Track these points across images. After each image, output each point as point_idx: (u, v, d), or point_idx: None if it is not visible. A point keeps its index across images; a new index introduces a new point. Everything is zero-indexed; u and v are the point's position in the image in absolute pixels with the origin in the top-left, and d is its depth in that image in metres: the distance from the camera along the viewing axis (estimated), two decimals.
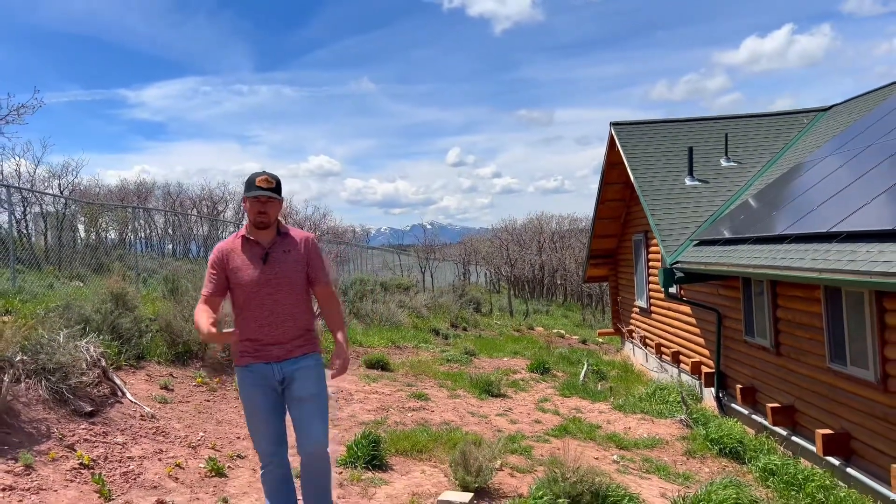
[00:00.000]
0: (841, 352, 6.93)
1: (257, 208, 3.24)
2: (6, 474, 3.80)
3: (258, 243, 3.30)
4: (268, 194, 3.22)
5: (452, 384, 8.50)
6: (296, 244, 3.35)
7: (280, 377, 3.27)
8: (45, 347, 5.01)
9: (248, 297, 3.24)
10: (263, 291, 3.23)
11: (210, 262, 3.32)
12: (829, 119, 12.97)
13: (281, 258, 3.29)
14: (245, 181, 3.30)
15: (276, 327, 3.25)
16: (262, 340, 3.25)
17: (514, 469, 5.28)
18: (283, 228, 3.38)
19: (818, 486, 5.87)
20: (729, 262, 8.45)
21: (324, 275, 3.41)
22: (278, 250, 3.30)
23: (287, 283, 3.27)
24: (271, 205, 3.26)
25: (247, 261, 3.26)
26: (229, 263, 3.28)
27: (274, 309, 3.24)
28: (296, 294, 3.30)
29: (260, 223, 3.26)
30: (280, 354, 3.27)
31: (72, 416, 4.81)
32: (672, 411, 8.32)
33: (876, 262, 5.54)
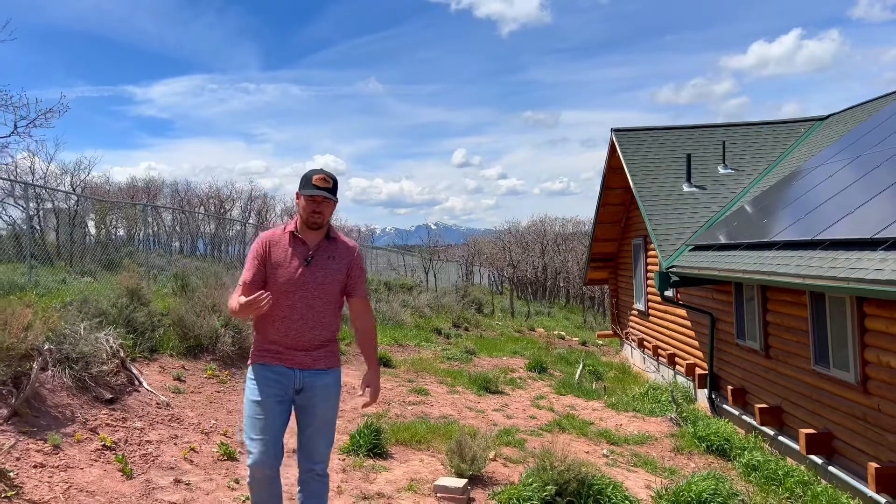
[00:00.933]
0: (824, 354, 7.23)
1: (312, 207, 3.11)
2: (37, 453, 4.14)
3: (305, 243, 3.17)
4: (324, 194, 3.09)
5: (452, 381, 8.83)
6: (341, 252, 3.22)
7: (300, 385, 3.12)
8: (69, 338, 5.36)
9: (282, 296, 3.08)
10: (299, 293, 3.09)
11: (252, 250, 3.19)
12: (826, 128, 13.24)
13: (324, 263, 3.16)
14: (301, 177, 3.17)
15: (305, 332, 3.10)
16: (285, 343, 3.11)
17: (508, 459, 5.60)
18: (333, 233, 3.25)
19: (797, 482, 6.17)
20: (721, 268, 8.75)
21: (362, 288, 3.28)
22: (323, 255, 3.17)
23: (325, 290, 3.13)
24: (326, 205, 3.14)
25: (290, 258, 3.12)
26: (272, 255, 3.13)
27: (306, 314, 3.10)
28: (329, 303, 3.15)
29: (313, 223, 3.14)
30: (304, 362, 3.12)
31: (93, 402, 5.14)
32: (663, 410, 8.63)
33: (854, 269, 5.84)
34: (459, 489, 4.57)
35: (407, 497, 4.52)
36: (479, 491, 4.82)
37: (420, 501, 4.45)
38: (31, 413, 4.55)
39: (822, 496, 5.91)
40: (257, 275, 3.11)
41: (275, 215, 36.31)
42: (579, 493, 4.68)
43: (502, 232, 38.51)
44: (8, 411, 4.42)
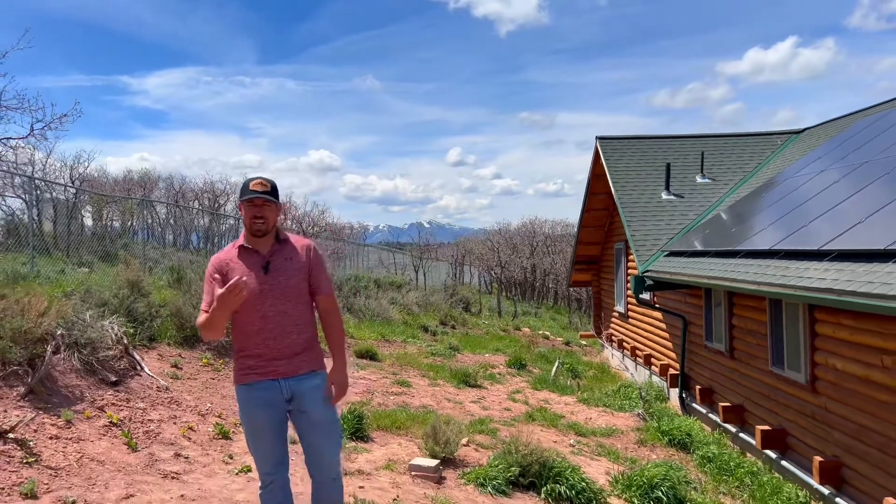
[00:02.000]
0: (780, 356, 7.76)
1: (253, 213, 3.06)
2: (52, 426, 4.61)
3: (257, 252, 3.09)
4: (263, 196, 3.03)
5: (434, 375, 9.32)
6: (297, 251, 3.16)
7: (288, 394, 3.05)
8: (77, 325, 5.82)
9: (250, 310, 2.99)
10: (268, 302, 3.02)
11: (207, 275, 3.10)
12: (801, 142, 13.80)
13: (283, 266, 3.09)
14: (240, 188, 3.13)
15: (281, 340, 3.03)
16: (265, 355, 3.03)
17: (480, 445, 6.10)
18: (283, 235, 3.19)
19: (746, 472, 6.70)
20: (690, 273, 9.28)
21: (326, 284, 3.22)
22: (279, 258, 3.10)
23: (291, 293, 3.07)
24: (268, 208, 3.07)
25: (246, 271, 3.02)
26: (227, 275, 3.03)
27: (278, 321, 3.03)
28: (300, 304, 3.10)
29: (257, 230, 3.07)
30: (286, 370, 3.05)
31: (99, 384, 5.61)
32: (632, 406, 9.14)
33: (801, 277, 6.37)
34: (432, 468, 5.07)
35: (384, 474, 5.01)
36: (451, 471, 5.31)
37: (396, 479, 4.94)
38: (45, 392, 5.02)
39: (768, 485, 6.43)
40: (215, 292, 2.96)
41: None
42: (540, 474, 5.18)
43: (492, 232, 39.07)
44: (25, 389, 4.88)
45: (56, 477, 4.05)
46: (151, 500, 3.96)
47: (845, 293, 5.44)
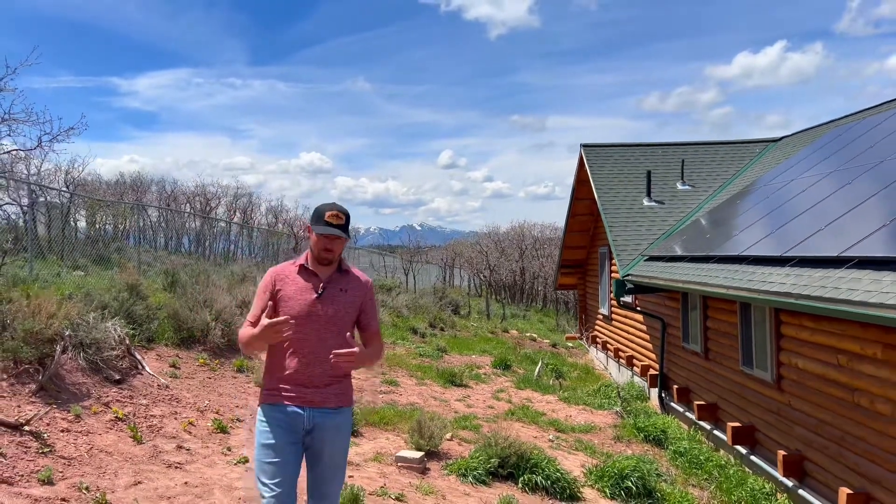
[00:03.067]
0: (749, 357, 8.19)
1: (324, 244, 3.08)
2: (62, 420, 4.96)
3: (316, 275, 3.12)
4: (337, 232, 3.05)
5: (421, 375, 9.69)
6: (354, 285, 3.17)
7: (310, 425, 2.99)
8: (82, 326, 6.16)
9: (293, 331, 2.96)
10: (310, 327, 3.01)
11: (261, 286, 3.15)
12: (778, 150, 14.28)
13: (336, 296, 3.10)
14: (313, 211, 3.16)
15: (316, 368, 2.99)
16: (297, 381, 2.99)
17: (463, 440, 6.49)
18: (345, 266, 3.20)
19: (714, 466, 7.12)
20: (666, 277, 9.71)
21: (375, 323, 3.24)
22: (335, 287, 3.11)
23: (337, 323, 3.06)
24: (339, 242, 3.10)
25: (301, 290, 3.06)
26: (281, 290, 3.07)
27: (317, 348, 2.99)
28: (343, 336, 3.03)
29: (324, 259, 3.10)
30: (315, 400, 2.99)
31: (104, 382, 5.95)
32: (611, 404, 9.55)
33: (764, 282, 6.80)
34: (417, 459, 5.45)
35: (373, 466, 5.38)
36: (435, 463, 5.69)
37: (383, 469, 5.32)
38: (54, 388, 5.36)
39: (733, 477, 6.85)
40: (265, 309, 2.98)
41: (260, 214, 36.97)
42: (518, 465, 5.57)
43: (482, 236, 39.49)
44: (36, 386, 5.23)
45: (69, 466, 4.41)
46: (158, 487, 4.31)
47: (801, 297, 5.86)
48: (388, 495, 4.70)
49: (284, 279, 3.12)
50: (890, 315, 4.66)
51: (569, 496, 5.48)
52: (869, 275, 5.38)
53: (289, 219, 34.82)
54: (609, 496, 5.67)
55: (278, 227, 32.92)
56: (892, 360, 5.45)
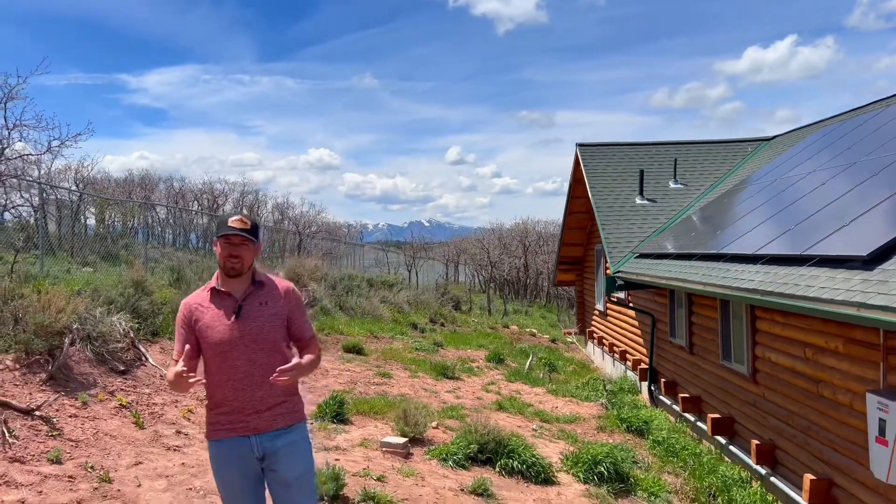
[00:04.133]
0: (728, 351, 8.52)
1: (228, 251, 2.86)
2: (71, 407, 5.36)
3: (229, 295, 2.91)
4: (242, 234, 2.85)
5: (415, 368, 10.07)
6: (274, 295, 2.97)
7: (260, 453, 2.86)
8: (89, 320, 6.56)
9: (221, 359, 2.84)
10: (237, 351, 2.83)
11: (177, 321, 2.96)
12: (770, 149, 14.53)
13: (256, 312, 2.90)
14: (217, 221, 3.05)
15: (255, 391, 2.83)
16: (237, 409, 2.83)
17: (448, 428, 6.85)
18: (259, 276, 2.99)
19: (689, 454, 7.47)
20: (652, 274, 10.03)
21: (308, 329, 3.06)
22: (253, 302, 2.91)
23: (264, 341, 2.88)
24: (245, 248, 2.87)
25: (217, 316, 2.86)
26: (197, 320, 2.88)
27: (250, 371, 2.82)
28: (275, 353, 2.89)
29: (231, 269, 2.88)
30: (259, 426, 2.85)
31: (109, 372, 6.36)
32: (598, 397, 9.90)
33: (737, 279, 7.13)
34: (401, 445, 5.82)
35: (359, 450, 5.76)
36: (419, 449, 6.07)
37: (369, 454, 5.70)
38: (63, 378, 5.77)
39: (707, 465, 7.20)
40: (186, 344, 2.85)
41: (266, 211, 37.44)
42: (496, 451, 5.94)
43: (486, 232, 39.87)
44: (46, 375, 5.63)
45: (76, 447, 4.80)
46: (157, 467, 4.71)
47: (767, 293, 6.19)
48: (370, 476, 5.08)
49: (198, 308, 2.91)
50: (838, 310, 4.99)
51: (543, 480, 5.84)
52: (826, 272, 5.70)
53: (295, 216, 35.30)
54: (582, 480, 6.02)
55: (284, 223, 33.38)
56: (852, 354, 5.77)
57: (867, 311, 4.65)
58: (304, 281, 14.97)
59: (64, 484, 4.24)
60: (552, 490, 5.71)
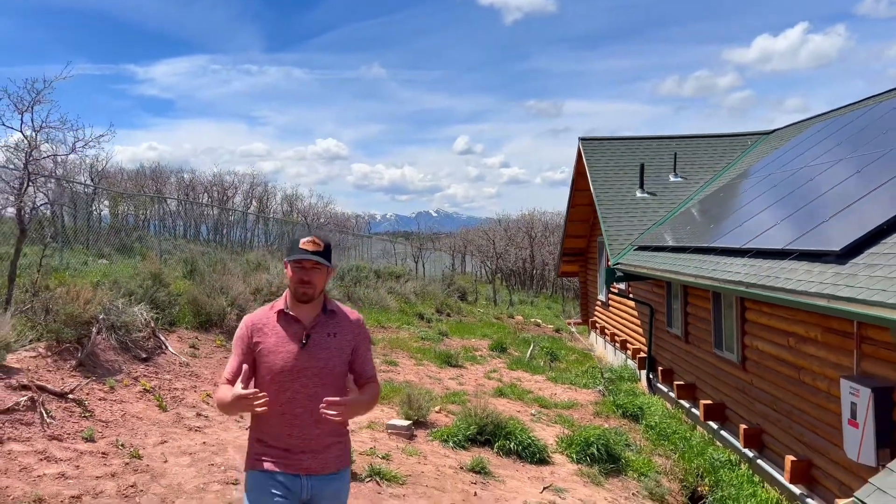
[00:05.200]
0: (720, 340, 8.89)
1: (300, 276, 2.67)
2: (99, 391, 5.81)
3: (298, 321, 2.71)
4: (314, 258, 2.65)
5: (421, 356, 10.48)
6: (344, 327, 2.76)
7: (308, 496, 2.66)
8: (113, 311, 7.00)
9: (279, 389, 2.62)
10: (298, 383, 2.63)
11: (236, 337, 2.76)
12: (770, 142, 14.80)
13: (324, 343, 2.70)
14: (289, 242, 2.79)
15: (311, 430, 2.63)
16: (290, 445, 2.64)
17: (450, 412, 7.27)
18: (331, 305, 2.80)
19: (680, 437, 7.86)
20: (649, 266, 10.39)
21: (371, 367, 2.85)
22: (322, 332, 2.71)
23: (328, 375, 2.67)
24: (317, 272, 2.68)
25: (282, 341, 2.67)
26: (260, 342, 2.68)
27: (309, 406, 2.61)
28: (334, 389, 2.66)
29: (303, 295, 2.68)
30: (312, 466, 2.65)
31: (132, 360, 6.80)
32: (595, 384, 10.29)
33: (725, 271, 7.49)
34: (405, 427, 6.24)
35: (366, 432, 6.18)
36: (422, 431, 6.49)
37: (375, 435, 6.12)
38: (91, 364, 6.21)
39: (696, 447, 7.59)
40: (244, 364, 2.63)
41: (275, 202, 37.95)
42: (494, 433, 6.35)
43: (493, 222, 40.28)
44: (75, 362, 6.08)
45: (107, 427, 5.25)
46: (181, 445, 5.14)
47: (751, 285, 6.55)
48: (376, 455, 5.50)
49: (262, 329, 2.72)
50: (811, 301, 5.36)
51: (538, 460, 6.25)
52: (804, 266, 6.06)
53: (303, 207, 35.76)
54: (575, 461, 6.43)
55: (293, 215, 33.85)
56: (830, 342, 6.14)
57: (836, 303, 5.02)
58: None
59: (98, 459, 4.68)
60: (546, 469, 6.12)
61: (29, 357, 5.79)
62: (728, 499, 6.63)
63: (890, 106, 9.33)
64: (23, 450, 4.54)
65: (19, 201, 6.52)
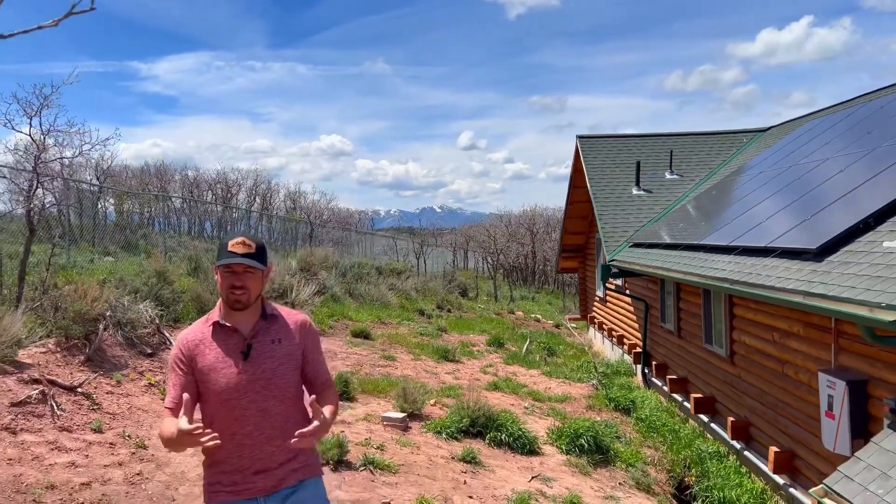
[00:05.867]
0: (710, 335, 9.11)
1: (230, 281, 2.41)
2: (107, 385, 6.06)
3: (236, 330, 2.47)
4: (246, 262, 2.40)
5: (419, 351, 10.72)
6: (288, 331, 2.54)
7: None
8: (119, 308, 7.25)
9: (226, 409, 2.41)
10: (245, 399, 2.42)
11: (171, 360, 2.50)
12: (765, 140, 14.98)
13: (269, 351, 2.48)
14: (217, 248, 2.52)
15: (261, 448, 2.43)
16: (242, 468, 2.44)
17: (444, 405, 7.51)
18: (270, 309, 2.55)
19: (668, 430, 8.08)
20: (642, 263, 10.61)
21: (324, 369, 2.63)
22: (264, 339, 2.49)
23: (278, 386, 2.46)
24: (250, 276, 2.43)
25: (221, 356, 2.43)
26: (198, 361, 2.44)
27: (260, 423, 2.43)
28: (288, 400, 2.49)
29: (236, 302, 2.42)
30: (267, 485, 2.45)
31: (138, 355, 7.06)
32: (590, 378, 10.52)
33: (712, 268, 7.71)
34: (400, 419, 6.48)
35: (362, 424, 6.43)
36: (417, 423, 6.73)
37: (371, 427, 6.36)
38: (98, 359, 6.47)
39: (684, 439, 7.82)
40: (185, 391, 2.38)
41: (279, 200, 38.23)
42: (486, 425, 6.59)
43: (495, 218, 40.49)
44: (83, 357, 6.34)
45: (114, 419, 5.50)
46: None
47: (734, 282, 6.77)
48: (371, 445, 5.75)
49: (198, 346, 2.47)
50: (788, 298, 5.57)
51: (529, 451, 6.49)
52: (784, 263, 6.27)
53: (307, 205, 36.04)
54: (565, 452, 6.67)
55: (296, 212, 34.13)
56: (811, 337, 6.36)
57: (810, 299, 5.23)
58: (315, 270, 15.66)
59: (106, 449, 4.94)
60: (536, 459, 6.36)
61: (39, 352, 6.05)
62: (714, 488, 6.85)
63: (877, 106, 9.52)
64: (35, 440, 4.80)
65: (29, 203, 6.76)
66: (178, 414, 2.28)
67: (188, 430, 2.18)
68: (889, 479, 4.19)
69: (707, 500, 6.69)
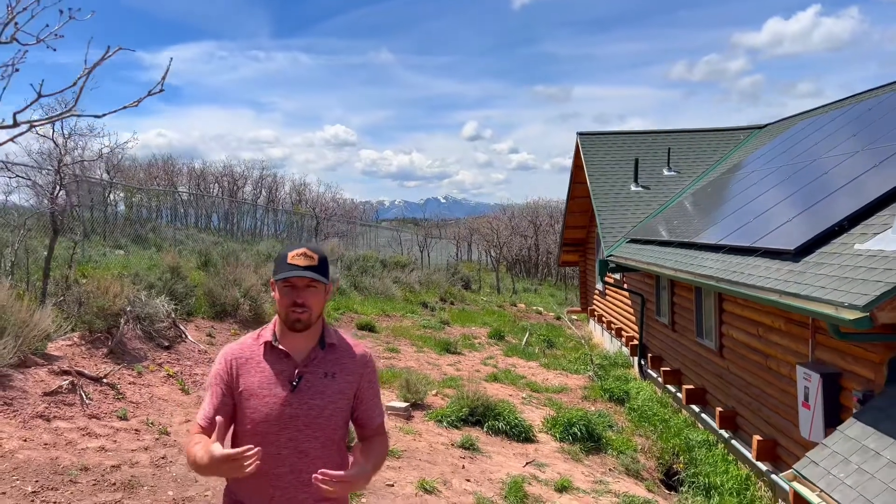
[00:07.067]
0: (701, 328, 9.48)
1: (291, 297, 2.16)
2: (129, 376, 6.49)
3: (288, 356, 2.20)
4: (308, 275, 2.15)
5: (422, 344, 11.13)
6: (345, 366, 2.24)
7: None
8: (137, 303, 7.67)
9: (261, 441, 2.09)
10: (285, 436, 2.15)
11: (212, 374, 2.24)
12: (762, 137, 15.27)
13: (319, 386, 2.19)
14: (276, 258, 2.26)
15: (298, 492, 2.16)
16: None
17: (445, 395, 7.92)
18: (331, 337, 2.27)
19: (659, 419, 8.47)
20: (637, 259, 10.98)
21: (379, 415, 2.33)
22: (317, 372, 2.20)
23: (322, 427, 2.18)
24: (313, 293, 2.18)
25: (267, 382, 2.17)
26: (241, 381, 2.18)
27: (296, 464, 2.16)
28: (332, 445, 2.21)
29: (296, 321, 2.17)
30: None
31: (156, 348, 7.48)
32: (586, 370, 10.92)
33: (700, 266, 8.07)
34: (403, 408, 6.89)
35: None
36: (419, 412, 7.14)
37: None
38: (120, 352, 6.90)
39: (674, 428, 8.21)
40: (221, 411, 2.15)
41: (284, 192, 38.64)
42: (485, 414, 6.99)
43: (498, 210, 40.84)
44: (106, 350, 6.76)
45: (137, 408, 5.93)
46: None
47: (720, 279, 7.14)
48: None
49: (245, 365, 2.21)
50: (765, 296, 5.94)
51: (524, 438, 6.89)
52: (766, 263, 6.64)
53: (311, 197, 36.44)
54: (558, 439, 7.07)
55: (301, 205, 34.54)
56: (791, 332, 6.73)
57: (785, 298, 5.60)
58: None
59: (132, 435, 5.36)
60: (531, 447, 6.76)
61: (66, 345, 6.48)
62: (701, 475, 7.25)
63: (876, 102, 9.81)
64: (67, 426, 5.22)
65: (53, 205, 7.16)
66: (211, 434, 2.01)
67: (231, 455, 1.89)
68: (850, 463, 4.58)
69: (693, 485, 7.08)
